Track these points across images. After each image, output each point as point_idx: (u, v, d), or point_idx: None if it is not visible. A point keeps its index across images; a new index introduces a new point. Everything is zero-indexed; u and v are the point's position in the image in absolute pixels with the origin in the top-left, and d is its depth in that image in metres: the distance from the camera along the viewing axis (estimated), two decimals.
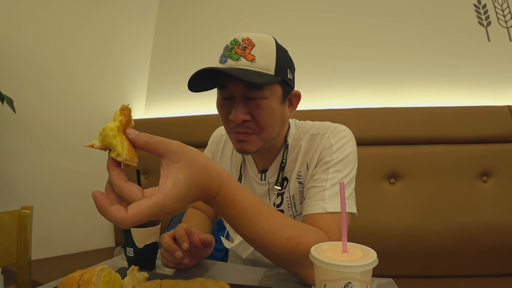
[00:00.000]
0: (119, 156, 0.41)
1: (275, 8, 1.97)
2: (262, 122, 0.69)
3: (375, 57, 1.76)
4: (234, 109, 0.68)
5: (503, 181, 1.42)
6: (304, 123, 0.84)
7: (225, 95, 0.71)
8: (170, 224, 1.42)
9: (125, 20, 2.06)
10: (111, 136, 0.41)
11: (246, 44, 0.67)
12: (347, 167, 0.72)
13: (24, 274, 1.00)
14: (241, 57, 0.66)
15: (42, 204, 1.56)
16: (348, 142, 0.74)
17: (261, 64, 0.66)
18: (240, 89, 0.67)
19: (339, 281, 0.38)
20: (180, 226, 0.68)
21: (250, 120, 0.69)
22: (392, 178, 1.52)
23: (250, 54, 0.66)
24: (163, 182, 0.41)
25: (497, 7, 1.68)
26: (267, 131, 0.71)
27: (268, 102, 0.69)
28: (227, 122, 0.72)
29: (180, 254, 0.63)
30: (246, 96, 0.68)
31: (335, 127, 0.77)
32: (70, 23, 1.80)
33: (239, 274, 0.69)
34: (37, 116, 1.68)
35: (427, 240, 1.38)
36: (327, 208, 0.65)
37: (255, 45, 0.67)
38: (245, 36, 0.68)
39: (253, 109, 0.68)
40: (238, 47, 0.67)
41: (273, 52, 0.69)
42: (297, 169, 0.77)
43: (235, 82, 0.67)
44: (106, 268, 0.48)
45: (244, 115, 0.68)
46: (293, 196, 0.77)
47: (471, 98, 1.61)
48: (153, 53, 2.23)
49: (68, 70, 1.80)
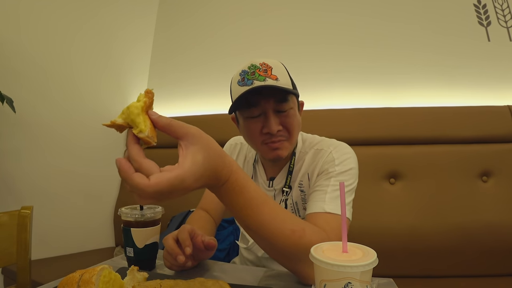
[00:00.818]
0: (141, 133, 0.43)
1: (275, 7, 1.97)
2: (291, 129, 0.79)
3: (375, 57, 1.76)
4: (269, 122, 0.76)
5: (503, 181, 1.42)
6: (311, 137, 0.91)
7: (255, 113, 0.78)
8: (170, 224, 1.42)
9: (125, 20, 2.06)
10: (135, 113, 0.44)
11: (265, 67, 0.76)
12: (349, 179, 0.78)
13: (24, 274, 1.00)
14: (266, 78, 0.74)
15: (42, 204, 1.56)
16: (350, 158, 0.80)
17: (283, 81, 0.76)
18: (271, 104, 0.77)
19: (339, 281, 0.39)
20: (184, 228, 0.68)
21: (281, 130, 0.78)
22: (392, 178, 1.52)
23: (273, 75, 0.75)
24: (182, 159, 0.44)
25: (497, 7, 1.68)
26: (294, 136, 0.81)
27: (293, 111, 0.79)
28: (259, 136, 0.79)
29: (182, 258, 0.63)
30: (277, 110, 0.77)
31: (339, 144, 0.84)
32: (70, 23, 1.80)
33: (239, 274, 0.69)
34: (37, 116, 1.68)
35: (427, 240, 1.38)
36: (326, 209, 0.69)
37: (273, 68, 0.77)
38: (261, 61, 0.77)
39: (284, 119, 0.78)
40: (259, 70, 0.75)
41: (286, 72, 0.80)
42: (299, 178, 0.84)
43: (266, 99, 0.76)
44: (106, 268, 0.48)
45: (278, 125, 0.77)
46: (296, 202, 0.84)
47: (471, 98, 1.61)
48: (153, 53, 2.23)
49: (68, 70, 1.80)
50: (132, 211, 0.70)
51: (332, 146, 0.83)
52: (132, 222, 0.69)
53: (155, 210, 0.71)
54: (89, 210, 1.85)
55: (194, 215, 0.96)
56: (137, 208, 0.72)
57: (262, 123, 0.78)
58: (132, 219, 0.69)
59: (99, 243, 1.87)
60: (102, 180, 1.93)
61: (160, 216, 0.72)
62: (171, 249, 0.66)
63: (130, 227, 0.68)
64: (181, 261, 0.63)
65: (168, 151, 1.92)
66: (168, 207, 0.89)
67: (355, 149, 0.84)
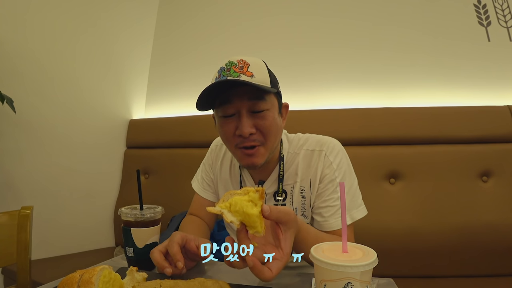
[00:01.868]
0: (257, 233, 0.51)
1: (274, 11, 1.97)
2: (267, 133, 0.74)
3: (375, 57, 1.76)
4: (241, 123, 0.72)
5: (503, 181, 1.42)
6: (295, 137, 0.89)
7: (229, 111, 0.74)
8: (170, 224, 1.42)
9: (125, 22, 2.06)
10: (256, 221, 0.50)
11: (242, 64, 0.73)
12: (350, 178, 0.82)
13: (24, 274, 1.00)
14: (241, 74, 0.71)
15: (42, 204, 1.56)
16: (343, 157, 0.83)
17: (259, 78, 0.72)
18: (245, 103, 0.73)
19: (339, 281, 0.39)
20: (174, 240, 0.65)
21: (255, 133, 0.74)
22: (392, 178, 1.52)
23: (249, 71, 0.72)
24: (284, 244, 0.55)
25: (497, 7, 1.68)
26: (271, 141, 0.76)
27: (270, 113, 0.75)
28: (231, 139, 0.76)
29: (169, 271, 0.61)
30: (251, 110, 0.73)
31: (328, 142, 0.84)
32: (71, 23, 1.80)
33: (239, 274, 0.69)
34: (37, 116, 1.68)
35: (427, 240, 1.37)
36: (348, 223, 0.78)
37: (250, 65, 0.73)
38: (239, 58, 0.74)
39: (259, 120, 0.74)
40: (235, 67, 0.72)
41: (265, 69, 0.76)
42: (299, 183, 0.83)
43: (240, 97, 0.72)
44: (106, 268, 0.48)
45: (251, 127, 0.73)
46: (296, 208, 0.83)
47: (471, 98, 1.61)
48: (153, 54, 2.23)
49: (69, 70, 1.80)
50: (132, 211, 0.70)
51: (324, 146, 0.82)
52: (132, 222, 0.69)
53: (155, 210, 0.71)
54: (89, 210, 1.85)
55: (186, 220, 0.96)
56: (137, 208, 0.73)
57: (235, 124, 0.74)
58: (132, 219, 0.69)
59: (99, 243, 1.87)
60: (102, 180, 1.93)
61: (160, 216, 0.72)
62: (156, 263, 0.63)
63: (130, 227, 0.68)
64: (168, 274, 0.61)
65: (168, 151, 1.93)
66: (168, 207, 0.90)
67: (356, 149, 0.85)
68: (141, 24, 2.18)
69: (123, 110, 2.07)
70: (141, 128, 2.04)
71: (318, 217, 0.80)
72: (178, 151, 1.88)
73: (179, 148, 1.89)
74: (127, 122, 2.08)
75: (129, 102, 2.10)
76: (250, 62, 0.74)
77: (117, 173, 1.99)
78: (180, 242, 0.65)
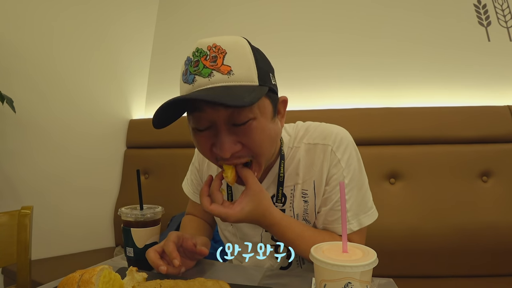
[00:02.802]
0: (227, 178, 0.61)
1: (274, 11, 1.97)
2: (255, 147, 0.57)
3: (375, 57, 1.76)
4: (220, 142, 0.55)
5: (503, 181, 1.41)
6: (296, 128, 0.74)
7: (202, 124, 0.56)
8: (170, 224, 1.42)
9: (125, 21, 2.06)
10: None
11: (214, 52, 0.53)
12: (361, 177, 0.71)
13: (24, 274, 1.00)
14: (213, 71, 0.52)
15: (42, 204, 1.56)
16: (352, 150, 0.69)
17: (240, 75, 0.53)
18: (222, 115, 0.54)
19: (339, 281, 0.39)
20: (169, 240, 0.64)
21: (239, 150, 0.57)
22: (392, 178, 1.52)
23: (224, 65, 0.52)
24: (236, 204, 0.60)
25: (497, 7, 1.68)
26: (262, 156, 0.60)
27: (258, 123, 0.56)
28: (209, 154, 0.60)
29: (164, 269, 0.60)
30: (231, 122, 0.55)
31: (334, 134, 0.69)
32: (71, 23, 1.80)
33: (239, 274, 0.69)
34: (37, 116, 1.67)
35: (427, 240, 1.37)
36: (353, 228, 0.70)
37: (227, 52, 0.53)
38: (210, 43, 0.54)
39: (242, 135, 0.56)
40: (206, 59, 0.53)
41: (250, 56, 0.55)
42: (301, 186, 0.70)
43: (214, 108, 0.53)
44: (106, 268, 0.48)
45: (234, 145, 0.56)
46: (297, 214, 0.72)
47: (471, 98, 1.61)
48: (153, 54, 2.23)
49: (69, 70, 1.80)
50: (132, 211, 0.70)
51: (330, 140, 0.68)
52: (132, 222, 0.69)
53: (155, 210, 0.71)
54: (89, 210, 1.85)
55: (185, 219, 0.94)
56: (137, 208, 0.72)
57: (211, 139, 0.57)
58: (132, 219, 0.69)
59: (99, 243, 1.87)
60: (102, 180, 1.93)
61: (160, 216, 0.72)
62: (151, 262, 0.63)
63: (130, 227, 0.68)
64: (163, 272, 0.60)
65: (168, 151, 1.93)
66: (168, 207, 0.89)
67: None
68: (141, 24, 2.17)
69: (123, 110, 2.06)
70: (141, 128, 2.04)
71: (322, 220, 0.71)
72: (178, 151, 1.88)
73: (179, 148, 1.88)
74: (127, 122, 2.07)
75: (129, 102, 2.10)
76: (226, 47, 0.53)
77: (117, 173, 1.99)
78: (176, 241, 0.65)
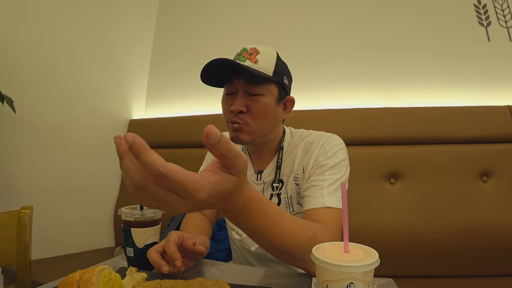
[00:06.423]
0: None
1: (276, 10, 1.97)
2: (256, 115, 0.79)
3: (375, 57, 1.76)
4: (236, 100, 0.79)
5: (503, 181, 1.42)
6: (300, 131, 0.91)
7: (229, 90, 0.82)
8: (170, 224, 1.42)
9: (125, 21, 2.06)
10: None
11: (252, 51, 0.80)
12: (341, 171, 0.80)
13: (24, 274, 1.00)
14: (247, 60, 0.78)
15: (42, 204, 1.55)
16: (341, 150, 0.82)
17: (262, 66, 0.78)
18: (242, 84, 0.79)
19: (341, 282, 0.38)
20: (170, 239, 0.65)
21: (245, 112, 0.79)
22: (392, 178, 1.52)
23: (255, 58, 0.78)
24: (212, 175, 0.39)
25: (497, 7, 1.68)
26: (258, 125, 0.80)
27: (264, 98, 0.79)
28: (227, 113, 0.82)
29: (166, 269, 0.62)
30: (247, 91, 0.79)
31: (329, 136, 0.85)
32: (71, 23, 1.80)
33: (239, 274, 0.69)
34: (37, 116, 1.67)
35: (427, 240, 1.37)
36: (326, 203, 0.72)
37: (260, 53, 0.79)
38: (253, 46, 0.81)
39: (251, 102, 0.79)
40: (246, 53, 0.79)
41: (274, 59, 0.81)
42: (294, 172, 0.84)
43: (238, 78, 0.78)
44: (106, 268, 0.48)
45: (242, 106, 0.78)
46: (290, 196, 0.85)
47: (471, 98, 1.61)
48: (153, 54, 2.23)
49: (69, 70, 1.80)
50: (132, 211, 0.70)
51: (324, 138, 0.84)
52: (132, 222, 0.69)
53: (155, 210, 0.71)
54: (89, 210, 1.85)
55: (186, 217, 0.97)
56: (137, 208, 0.72)
57: (232, 101, 0.80)
58: (132, 219, 0.69)
59: (99, 243, 1.87)
60: (102, 180, 1.93)
61: (160, 216, 0.72)
62: (153, 262, 0.64)
63: (130, 227, 0.68)
64: (165, 272, 0.61)
65: (168, 151, 1.93)
66: None
67: (355, 149, 0.84)
68: (141, 24, 2.18)
69: (123, 110, 2.06)
70: (141, 128, 2.04)
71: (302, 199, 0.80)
72: (178, 151, 1.88)
73: (179, 148, 1.88)
74: (127, 122, 2.07)
75: (129, 102, 2.10)
76: (261, 50, 0.80)
77: (117, 173, 1.99)
78: (177, 241, 0.66)
